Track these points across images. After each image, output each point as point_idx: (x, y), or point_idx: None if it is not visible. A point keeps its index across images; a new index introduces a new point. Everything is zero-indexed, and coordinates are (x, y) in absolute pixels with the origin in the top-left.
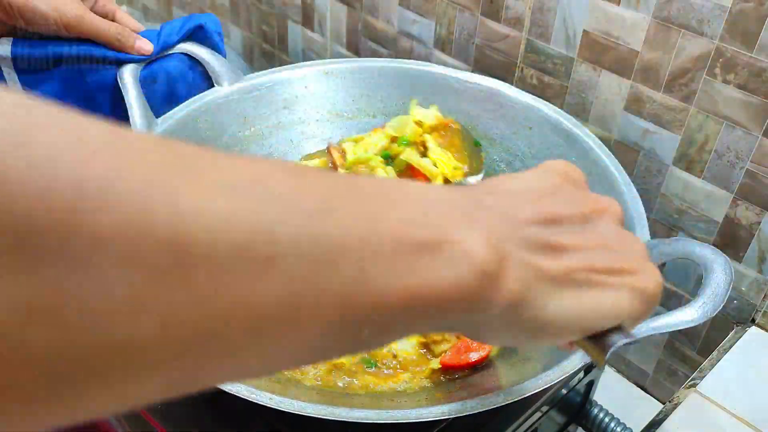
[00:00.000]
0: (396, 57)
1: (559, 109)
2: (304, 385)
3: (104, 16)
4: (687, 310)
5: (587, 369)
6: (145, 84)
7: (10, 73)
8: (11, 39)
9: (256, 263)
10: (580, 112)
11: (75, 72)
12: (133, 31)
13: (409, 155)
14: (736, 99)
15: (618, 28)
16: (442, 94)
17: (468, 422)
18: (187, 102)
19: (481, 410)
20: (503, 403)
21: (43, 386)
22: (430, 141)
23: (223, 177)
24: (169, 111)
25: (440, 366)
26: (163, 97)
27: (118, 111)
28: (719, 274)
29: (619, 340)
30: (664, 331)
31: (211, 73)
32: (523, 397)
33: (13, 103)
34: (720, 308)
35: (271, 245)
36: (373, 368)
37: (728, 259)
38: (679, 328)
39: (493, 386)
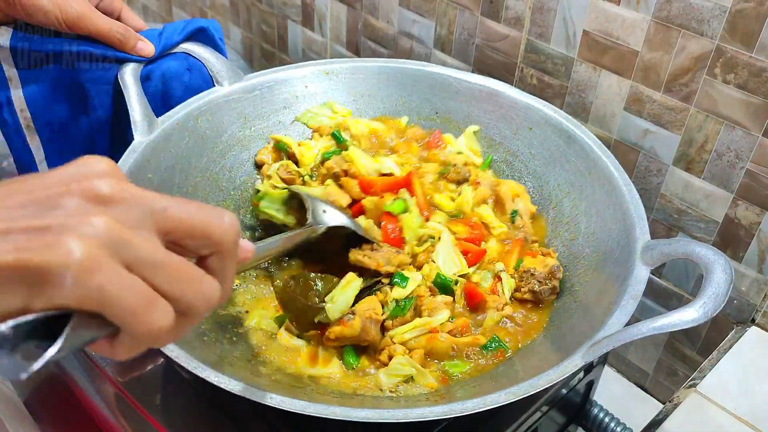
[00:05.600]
0: (396, 57)
1: (559, 110)
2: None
3: (110, 13)
4: (687, 310)
5: (587, 369)
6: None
7: (9, 69)
8: (11, 29)
9: None
10: (580, 112)
11: (72, 72)
12: (136, 31)
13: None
14: (736, 99)
15: (618, 28)
16: (442, 94)
17: (468, 422)
18: (187, 101)
19: (481, 410)
20: (503, 403)
21: None
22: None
23: None
24: (162, 110)
25: None
26: (155, 95)
27: (117, 111)
28: (719, 274)
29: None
30: (665, 331)
31: (211, 73)
32: (523, 397)
33: None
34: (720, 308)
35: None
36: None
37: (728, 259)
38: (680, 328)
39: (495, 385)
